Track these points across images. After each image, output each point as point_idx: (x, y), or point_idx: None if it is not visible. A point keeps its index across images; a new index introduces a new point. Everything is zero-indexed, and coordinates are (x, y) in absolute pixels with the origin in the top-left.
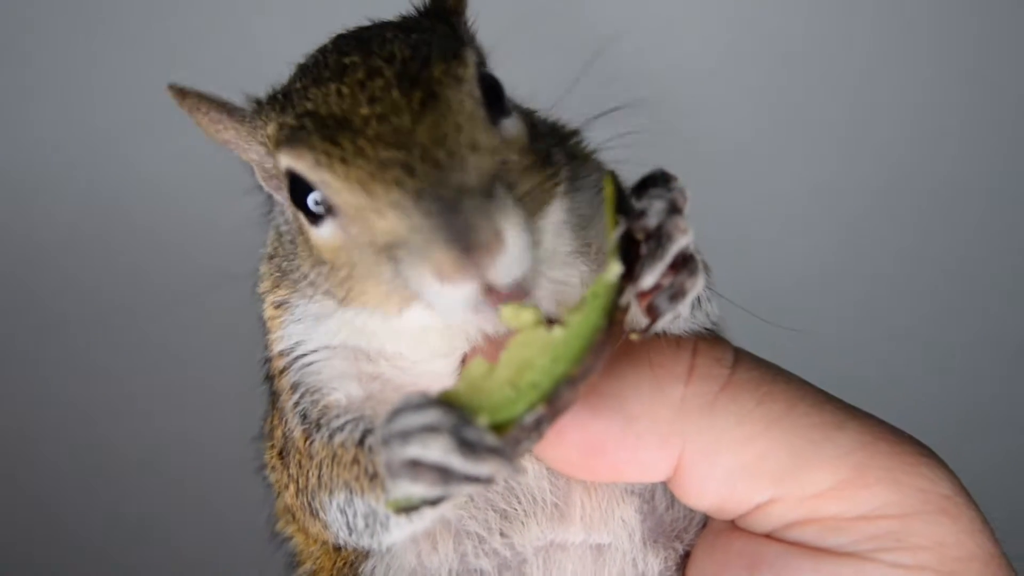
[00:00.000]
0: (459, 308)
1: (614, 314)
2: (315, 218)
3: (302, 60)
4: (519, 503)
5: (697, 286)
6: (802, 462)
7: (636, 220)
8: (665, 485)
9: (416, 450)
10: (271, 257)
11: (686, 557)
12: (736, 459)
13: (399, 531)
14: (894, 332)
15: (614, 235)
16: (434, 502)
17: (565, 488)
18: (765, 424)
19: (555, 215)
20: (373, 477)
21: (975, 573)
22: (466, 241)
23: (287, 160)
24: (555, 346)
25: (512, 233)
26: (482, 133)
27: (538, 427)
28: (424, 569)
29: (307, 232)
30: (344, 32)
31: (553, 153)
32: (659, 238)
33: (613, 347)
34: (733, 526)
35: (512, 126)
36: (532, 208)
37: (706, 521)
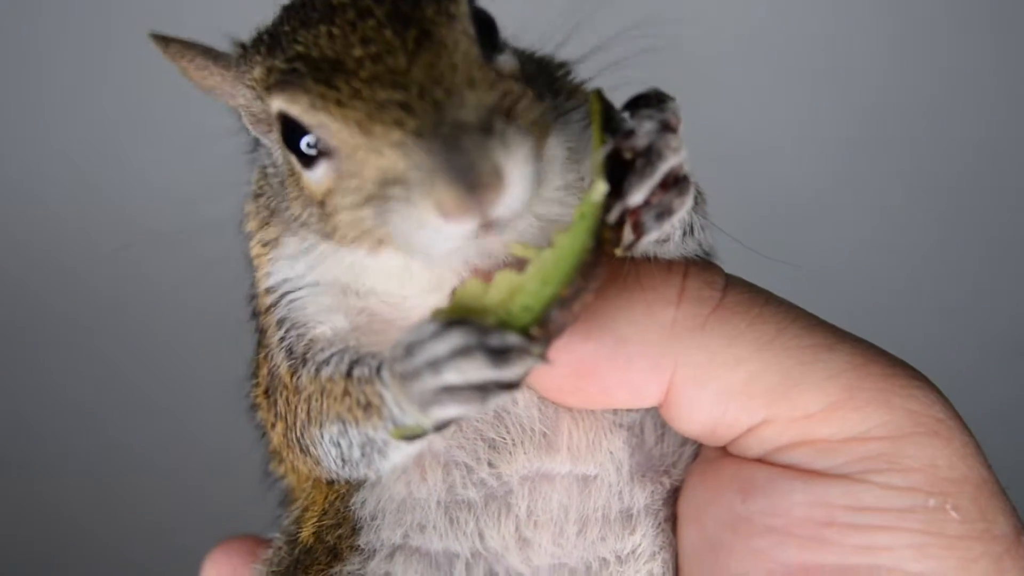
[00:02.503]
0: (455, 243)
1: (602, 233)
2: (308, 160)
3: (287, 1)
4: (508, 432)
5: (685, 205)
6: (793, 383)
7: (625, 139)
8: (654, 419)
9: (453, 376)
10: (257, 196)
11: (674, 493)
12: (727, 381)
13: (398, 455)
14: (894, 332)
15: (600, 153)
16: (445, 425)
17: (554, 417)
18: (756, 346)
19: (552, 148)
20: (367, 407)
21: (967, 496)
22: (470, 178)
23: (280, 103)
24: (544, 268)
25: (514, 169)
26: (478, 70)
27: (536, 351)
28: (413, 499)
29: (299, 174)
30: None
31: (542, 88)
32: (649, 156)
33: (605, 267)
34: (724, 453)
35: (507, 62)
36: (533, 141)
37: (696, 455)
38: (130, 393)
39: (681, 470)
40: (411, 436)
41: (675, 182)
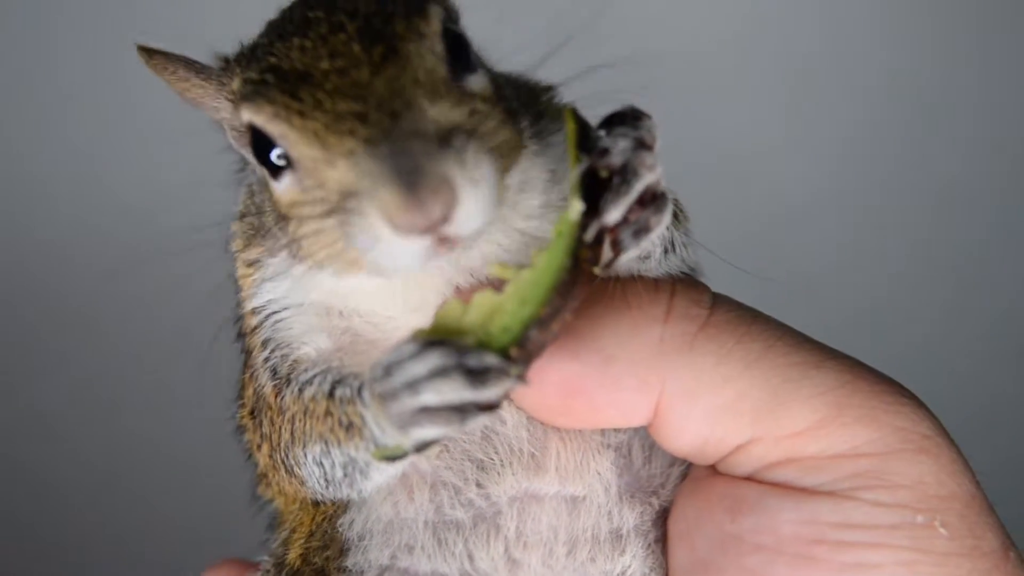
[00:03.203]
0: (411, 256)
1: (580, 252)
2: (276, 172)
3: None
4: (496, 453)
5: (663, 223)
6: (781, 401)
7: (600, 157)
8: (642, 440)
9: (430, 397)
10: (243, 216)
11: (663, 513)
12: (715, 398)
13: (380, 476)
14: (893, 333)
15: (575, 172)
16: (426, 446)
17: (542, 438)
18: (744, 364)
19: (522, 170)
20: (348, 427)
21: (955, 513)
22: (413, 181)
23: (248, 114)
24: (522, 288)
25: (467, 186)
26: (441, 87)
27: (515, 372)
28: (401, 520)
29: (271, 187)
30: None
31: (519, 110)
32: (625, 174)
33: (583, 286)
34: (713, 472)
35: (477, 82)
36: (494, 162)
37: (684, 476)
38: (131, 394)
39: (670, 491)
40: (392, 457)
41: (652, 199)
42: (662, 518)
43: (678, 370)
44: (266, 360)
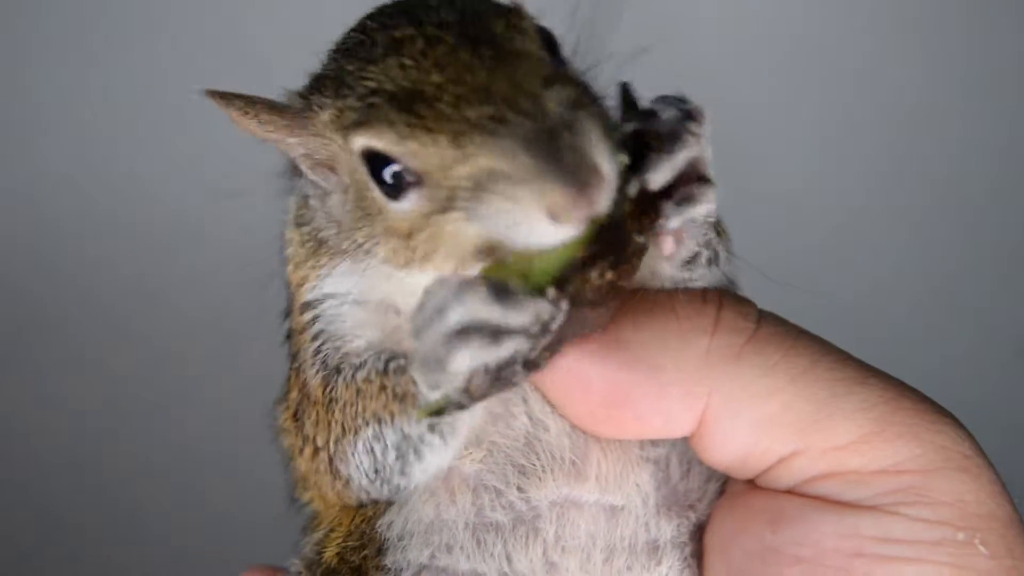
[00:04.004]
0: (558, 240)
1: (622, 205)
2: (394, 192)
3: (335, 45)
4: (538, 459)
5: (708, 199)
6: (825, 414)
7: (647, 121)
8: (680, 455)
9: (457, 314)
10: (299, 224)
11: (699, 528)
12: (761, 410)
13: (432, 456)
14: (892, 332)
15: (622, 133)
16: (465, 401)
17: (583, 447)
18: (790, 377)
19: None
20: (403, 398)
21: (995, 532)
22: (577, 179)
23: (363, 140)
24: None
25: (607, 164)
26: (554, 77)
27: (555, 320)
28: (441, 521)
29: (383, 207)
30: (374, 11)
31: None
32: (671, 140)
33: (626, 245)
34: (752, 486)
35: (571, 70)
36: (609, 135)
37: (720, 492)
38: (132, 394)
39: (706, 506)
40: (438, 411)
41: (699, 179)
42: (698, 532)
43: (724, 381)
44: (316, 352)
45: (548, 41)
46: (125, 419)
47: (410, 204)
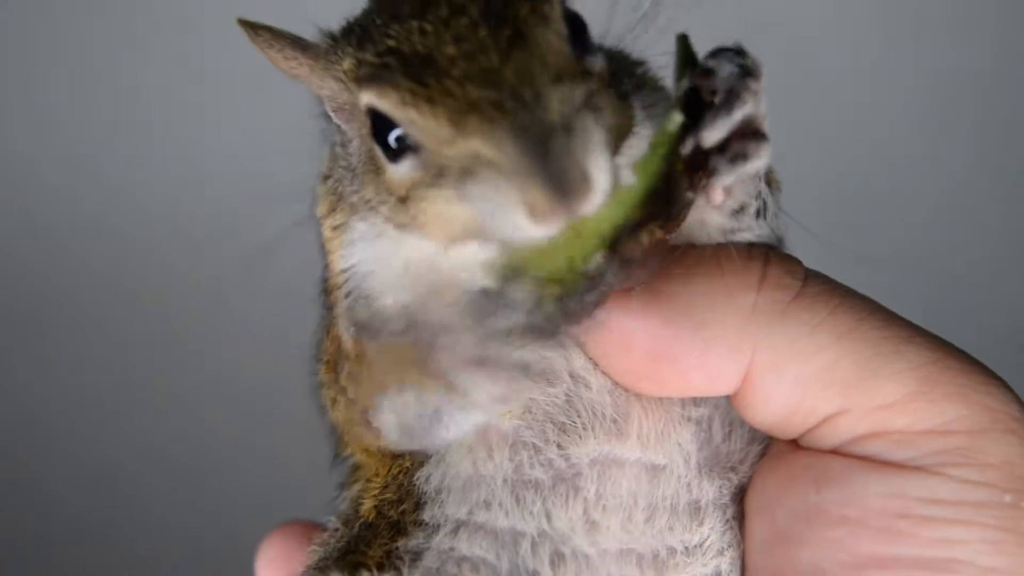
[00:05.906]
0: (537, 235)
1: (675, 163)
2: (394, 154)
3: None
4: (578, 417)
5: (761, 156)
6: (871, 373)
7: (704, 77)
8: (722, 415)
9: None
10: (326, 177)
11: (740, 491)
12: (806, 368)
13: (452, 421)
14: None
15: (679, 88)
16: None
17: (624, 405)
18: (836, 335)
19: (631, 149)
20: (424, 363)
21: None
22: (562, 183)
23: (369, 97)
24: (617, 193)
25: (600, 173)
26: (569, 71)
27: (603, 277)
28: (479, 476)
29: (383, 166)
30: None
31: (629, 92)
32: (728, 96)
33: (676, 203)
34: (795, 446)
35: (596, 64)
36: (616, 142)
37: (762, 454)
38: (133, 394)
39: (748, 468)
40: None
41: (753, 135)
42: (740, 495)
43: (770, 337)
44: (348, 308)
45: (576, 28)
46: (125, 419)
47: (406, 169)
